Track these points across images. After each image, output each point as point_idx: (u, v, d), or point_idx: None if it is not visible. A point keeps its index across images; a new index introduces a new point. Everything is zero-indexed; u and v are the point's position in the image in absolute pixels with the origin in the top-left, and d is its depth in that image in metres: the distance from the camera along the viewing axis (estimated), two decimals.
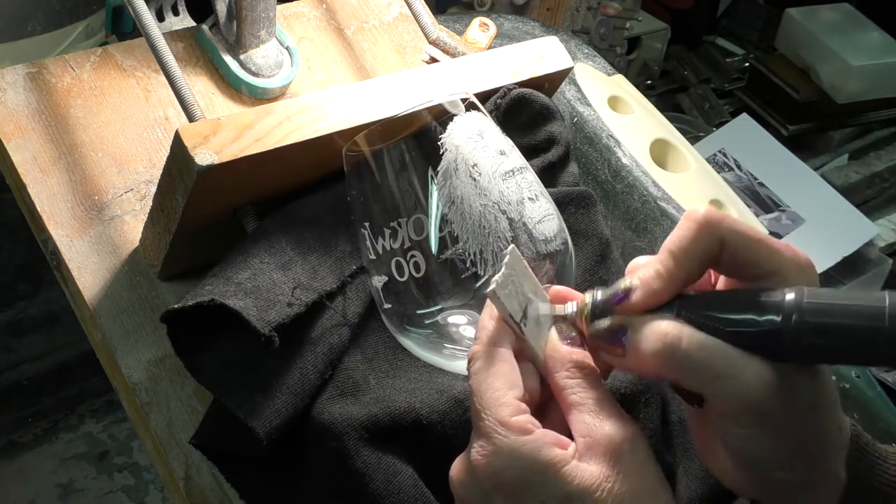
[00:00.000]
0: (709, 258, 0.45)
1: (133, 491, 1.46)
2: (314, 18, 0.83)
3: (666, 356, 0.43)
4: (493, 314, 0.47)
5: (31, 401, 1.51)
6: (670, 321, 0.44)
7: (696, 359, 0.43)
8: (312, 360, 0.59)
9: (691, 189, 0.92)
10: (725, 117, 1.67)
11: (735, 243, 0.45)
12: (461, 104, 0.53)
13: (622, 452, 0.44)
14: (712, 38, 1.87)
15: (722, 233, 0.45)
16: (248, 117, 0.61)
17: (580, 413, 0.45)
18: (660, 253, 0.45)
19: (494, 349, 0.46)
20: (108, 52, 0.74)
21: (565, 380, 0.46)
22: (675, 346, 0.43)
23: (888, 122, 1.68)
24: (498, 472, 0.44)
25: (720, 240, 0.45)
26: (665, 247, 0.45)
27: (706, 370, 0.43)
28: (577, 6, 1.47)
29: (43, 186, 0.68)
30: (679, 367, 0.43)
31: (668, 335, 0.43)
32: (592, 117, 0.91)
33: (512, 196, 0.51)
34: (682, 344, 0.43)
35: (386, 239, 0.52)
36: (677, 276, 0.45)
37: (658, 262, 0.45)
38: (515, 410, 0.44)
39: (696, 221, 0.45)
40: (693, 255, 0.45)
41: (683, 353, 0.43)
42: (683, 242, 0.45)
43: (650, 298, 0.45)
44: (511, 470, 0.43)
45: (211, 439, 0.59)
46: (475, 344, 0.47)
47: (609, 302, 0.46)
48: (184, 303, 0.57)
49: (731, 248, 0.45)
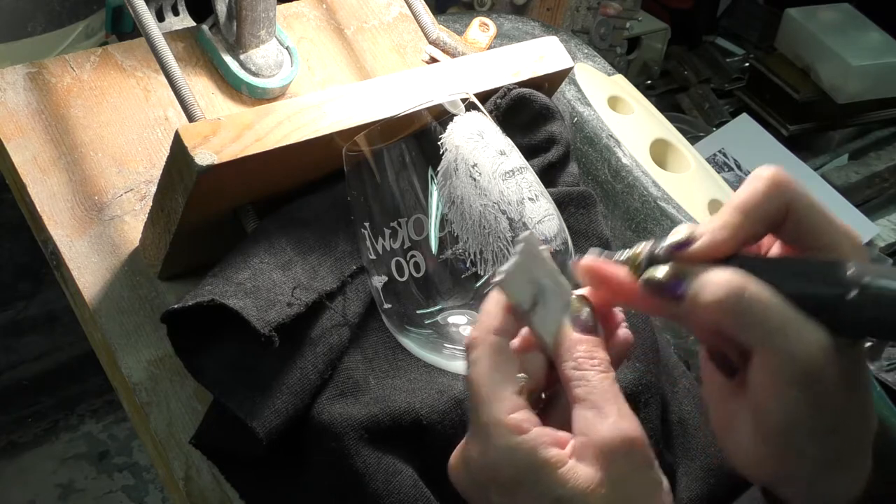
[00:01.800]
0: (774, 219, 0.44)
1: (133, 491, 1.46)
2: (314, 18, 0.83)
3: (729, 304, 0.42)
4: (498, 301, 0.46)
5: (31, 401, 1.51)
6: (735, 270, 0.43)
7: (759, 310, 0.42)
8: (312, 360, 0.59)
9: (691, 189, 0.92)
10: (725, 117, 1.67)
11: (801, 208, 0.44)
12: (461, 104, 0.53)
13: (617, 455, 0.43)
14: (712, 38, 1.87)
15: (790, 195, 0.44)
16: (248, 117, 0.61)
17: (582, 409, 0.44)
18: (724, 208, 0.44)
19: (495, 338, 0.45)
20: (108, 52, 0.74)
21: (571, 370, 0.45)
22: (740, 294, 0.42)
23: (888, 122, 1.68)
24: (492, 468, 0.44)
25: (787, 202, 0.44)
26: (731, 203, 0.44)
27: (768, 323, 0.42)
28: (577, 6, 1.47)
29: (43, 186, 0.68)
30: (740, 317, 0.42)
31: (732, 282, 0.42)
32: (592, 117, 0.91)
33: (512, 196, 0.51)
34: (747, 293, 0.42)
35: (386, 239, 0.52)
36: (741, 231, 0.44)
37: (723, 215, 0.44)
38: (512, 407, 0.44)
39: (767, 179, 0.44)
40: (760, 213, 0.44)
41: (747, 302, 0.42)
42: (752, 198, 0.44)
43: (712, 249, 0.44)
44: (505, 467, 0.43)
45: (211, 439, 0.59)
46: (474, 330, 0.46)
47: (670, 248, 0.45)
48: (184, 303, 0.57)
49: (796, 213, 0.44)
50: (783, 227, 0.44)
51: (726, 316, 0.42)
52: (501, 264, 0.47)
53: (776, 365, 0.42)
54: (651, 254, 0.45)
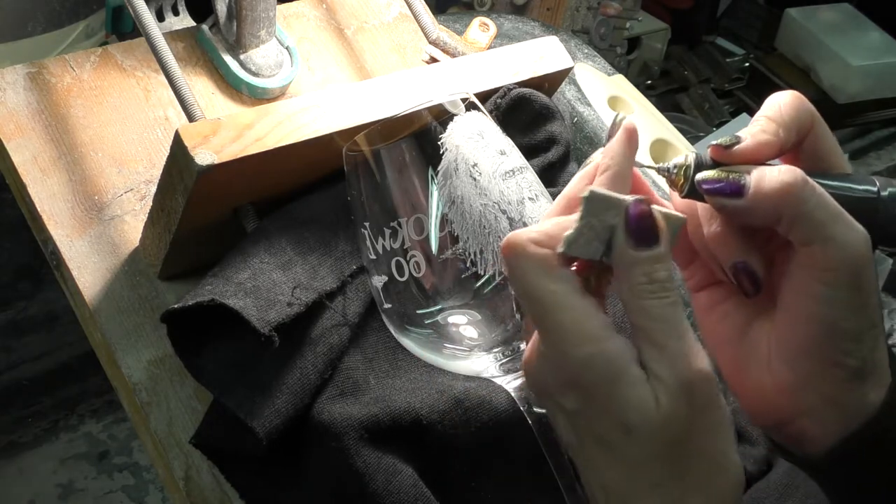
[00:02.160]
0: (804, 129, 0.46)
1: (133, 491, 1.46)
2: (314, 18, 0.83)
3: (794, 189, 0.43)
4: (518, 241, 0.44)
5: (31, 401, 1.51)
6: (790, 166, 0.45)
7: (818, 200, 0.43)
8: (312, 360, 0.59)
9: None
10: (725, 117, 1.67)
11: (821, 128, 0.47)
12: (461, 104, 0.53)
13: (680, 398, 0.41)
14: (712, 38, 1.87)
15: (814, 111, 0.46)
16: (248, 117, 0.61)
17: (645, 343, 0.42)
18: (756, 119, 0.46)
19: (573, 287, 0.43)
20: (108, 52, 0.74)
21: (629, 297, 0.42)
22: (802, 182, 0.43)
23: (888, 122, 1.68)
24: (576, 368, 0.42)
25: (811, 116, 0.46)
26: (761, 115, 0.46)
27: (825, 212, 0.43)
28: (577, 6, 1.47)
29: (43, 186, 0.68)
30: (805, 202, 0.43)
31: (793, 171, 0.44)
32: (592, 117, 0.91)
33: (512, 196, 0.51)
34: (807, 181, 0.44)
35: (386, 239, 0.52)
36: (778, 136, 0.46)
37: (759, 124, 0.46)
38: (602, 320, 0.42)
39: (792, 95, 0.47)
40: (791, 123, 0.46)
41: (810, 190, 0.43)
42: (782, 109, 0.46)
43: (760, 148, 0.46)
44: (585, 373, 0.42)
45: (211, 439, 0.59)
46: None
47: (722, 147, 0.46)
48: (184, 302, 0.57)
49: (818, 132, 0.46)
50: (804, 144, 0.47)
51: (790, 202, 0.43)
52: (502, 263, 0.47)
53: (827, 257, 0.43)
54: (698, 160, 0.47)
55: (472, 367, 0.52)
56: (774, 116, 0.46)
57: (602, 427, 0.42)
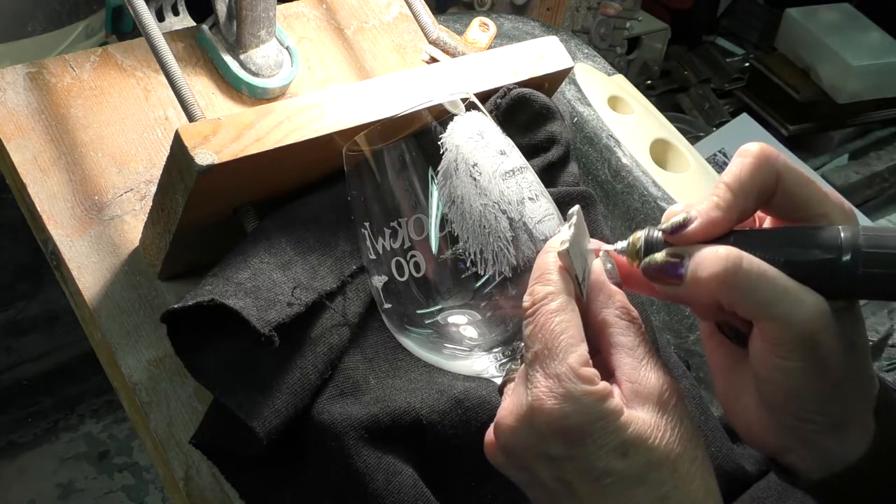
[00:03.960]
0: (764, 193, 0.45)
1: (133, 491, 1.46)
2: (314, 18, 0.83)
3: (726, 278, 0.43)
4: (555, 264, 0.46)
5: (31, 401, 1.51)
6: (730, 246, 0.44)
7: (756, 281, 0.43)
8: (312, 360, 0.59)
9: (691, 189, 0.92)
10: (725, 117, 1.67)
11: (790, 181, 0.45)
12: (461, 104, 0.53)
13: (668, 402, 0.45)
14: (712, 38, 1.87)
15: (778, 168, 0.45)
16: (248, 117, 0.61)
17: (627, 356, 0.46)
18: (715, 187, 0.45)
19: (568, 297, 0.46)
20: (108, 52, 0.74)
21: (615, 318, 0.46)
22: (737, 267, 0.43)
23: (888, 122, 1.68)
24: (565, 416, 0.43)
25: (776, 175, 0.45)
26: (721, 181, 0.45)
27: (765, 293, 0.43)
28: (577, 6, 1.47)
29: (43, 186, 0.68)
30: (738, 290, 0.43)
31: (728, 257, 0.43)
32: (592, 117, 0.91)
33: (512, 196, 0.51)
34: (743, 265, 0.43)
35: (386, 239, 0.52)
36: (734, 208, 0.45)
37: (715, 195, 0.45)
38: (586, 361, 0.45)
39: (754, 156, 0.45)
40: (750, 189, 0.45)
41: (745, 274, 0.43)
42: (741, 175, 0.45)
43: (708, 228, 0.45)
44: (577, 416, 0.43)
45: (211, 439, 0.59)
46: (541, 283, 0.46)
47: (667, 232, 0.46)
48: (184, 302, 0.57)
49: (785, 186, 0.45)
50: (773, 201, 0.45)
51: (724, 290, 0.43)
52: (502, 263, 0.47)
53: (775, 334, 0.43)
54: (648, 240, 0.47)
55: (472, 367, 0.52)
56: (732, 184, 0.45)
57: (600, 460, 0.43)
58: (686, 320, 0.83)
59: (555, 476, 0.45)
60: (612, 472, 0.43)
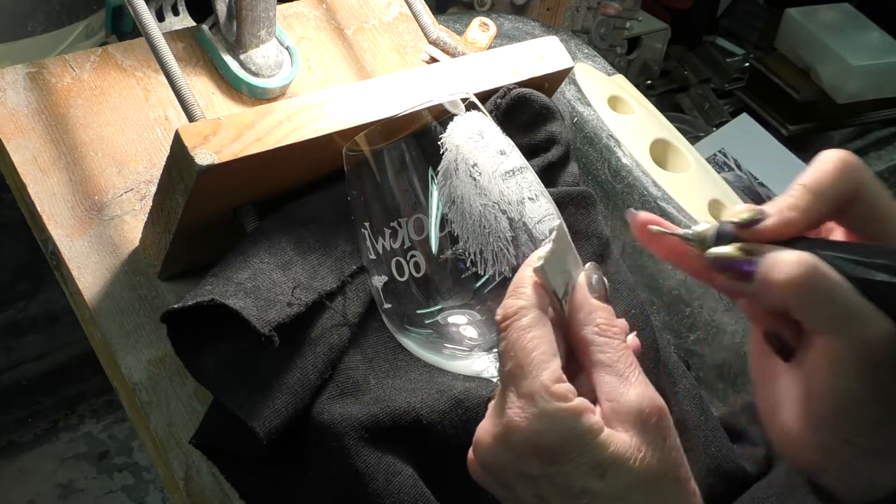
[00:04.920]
0: (843, 200, 0.43)
1: (133, 491, 1.46)
2: (314, 18, 0.83)
3: (801, 284, 0.41)
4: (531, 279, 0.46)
5: (31, 401, 1.51)
6: (806, 252, 0.42)
7: (829, 294, 0.41)
8: (312, 360, 0.59)
9: (691, 189, 0.92)
10: (725, 117, 1.67)
11: (871, 194, 0.43)
12: (461, 104, 0.53)
13: (649, 422, 0.43)
14: (712, 38, 1.87)
15: (859, 178, 0.43)
16: (248, 117, 0.61)
17: (607, 374, 0.44)
18: (791, 188, 0.43)
19: (538, 311, 0.45)
20: (108, 52, 0.74)
21: (594, 335, 0.45)
22: (812, 275, 0.41)
23: (888, 122, 1.68)
24: (539, 434, 0.43)
25: (856, 184, 0.43)
26: (799, 182, 0.43)
27: (836, 308, 0.41)
28: (577, 6, 1.47)
29: (43, 186, 0.68)
30: (810, 299, 0.41)
31: (804, 263, 0.41)
32: (592, 117, 0.91)
33: (512, 196, 0.51)
34: (818, 274, 0.41)
35: (386, 239, 0.52)
36: (810, 211, 0.43)
37: (792, 195, 0.43)
38: (559, 377, 0.44)
39: (837, 161, 0.43)
40: (830, 193, 0.43)
41: (819, 284, 0.41)
42: (822, 178, 0.43)
43: (782, 227, 0.43)
44: (551, 434, 0.43)
45: (211, 439, 0.59)
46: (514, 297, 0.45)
47: (740, 226, 0.44)
48: (184, 302, 0.57)
49: (864, 198, 0.43)
50: (848, 212, 0.44)
51: (796, 296, 0.42)
52: (502, 263, 0.47)
53: (840, 351, 0.42)
54: (721, 230, 0.45)
55: (472, 367, 0.52)
56: (812, 185, 0.43)
57: (577, 479, 0.43)
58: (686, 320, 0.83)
59: (533, 493, 0.44)
60: (589, 491, 0.43)
